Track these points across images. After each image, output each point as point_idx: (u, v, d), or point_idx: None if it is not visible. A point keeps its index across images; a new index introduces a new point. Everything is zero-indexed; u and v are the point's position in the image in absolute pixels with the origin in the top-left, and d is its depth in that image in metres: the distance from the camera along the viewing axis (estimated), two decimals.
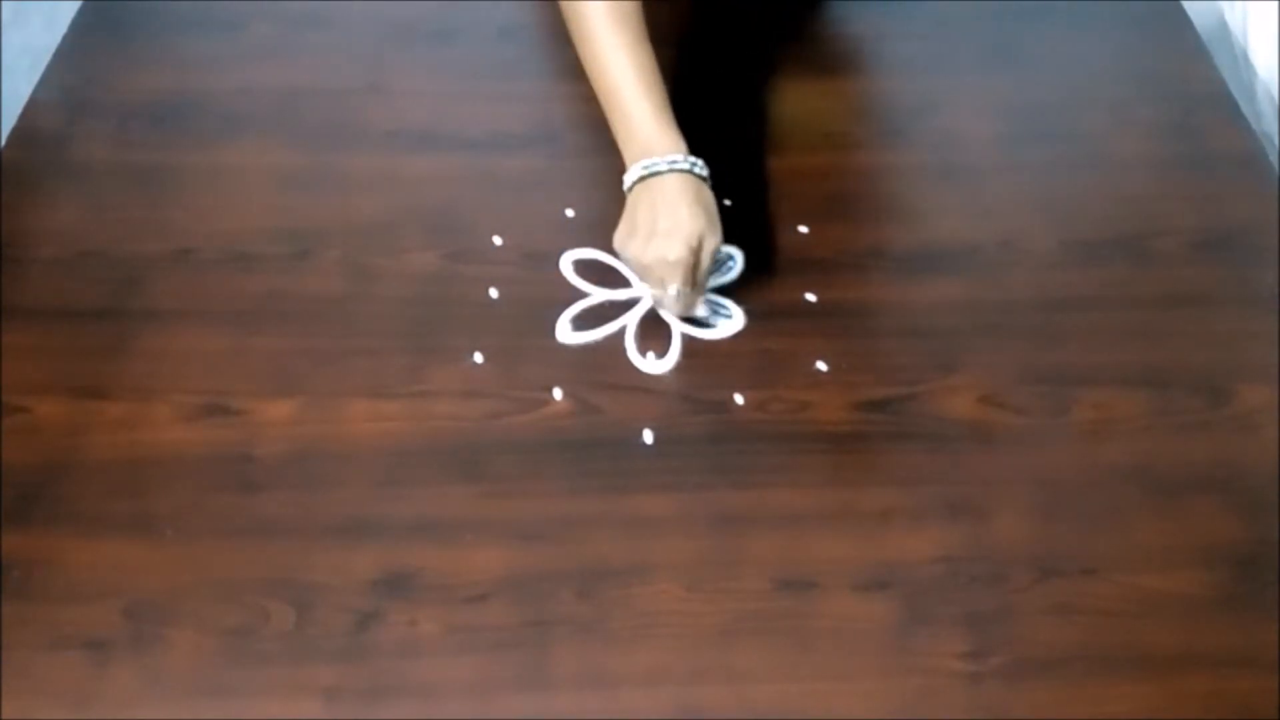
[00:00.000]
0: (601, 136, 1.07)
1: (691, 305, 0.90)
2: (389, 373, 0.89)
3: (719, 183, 1.00)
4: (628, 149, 0.91)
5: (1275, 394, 0.88)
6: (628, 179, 0.90)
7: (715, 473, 0.84)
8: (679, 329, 0.92)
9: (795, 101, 1.12)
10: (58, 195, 1.02)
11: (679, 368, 0.90)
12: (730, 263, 0.96)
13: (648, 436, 0.86)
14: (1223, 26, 1.24)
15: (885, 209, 1.02)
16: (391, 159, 1.03)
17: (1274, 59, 1.15)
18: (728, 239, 0.98)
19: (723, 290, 0.95)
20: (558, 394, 0.88)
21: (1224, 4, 1.24)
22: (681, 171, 0.88)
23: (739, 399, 0.88)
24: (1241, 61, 1.21)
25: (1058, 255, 0.98)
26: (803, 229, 0.99)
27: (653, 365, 0.90)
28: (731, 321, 0.93)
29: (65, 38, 1.15)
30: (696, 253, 0.87)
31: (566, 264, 0.97)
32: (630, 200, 0.90)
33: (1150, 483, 0.84)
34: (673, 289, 0.88)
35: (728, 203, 1.01)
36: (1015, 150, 1.07)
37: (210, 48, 1.16)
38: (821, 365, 0.90)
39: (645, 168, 0.89)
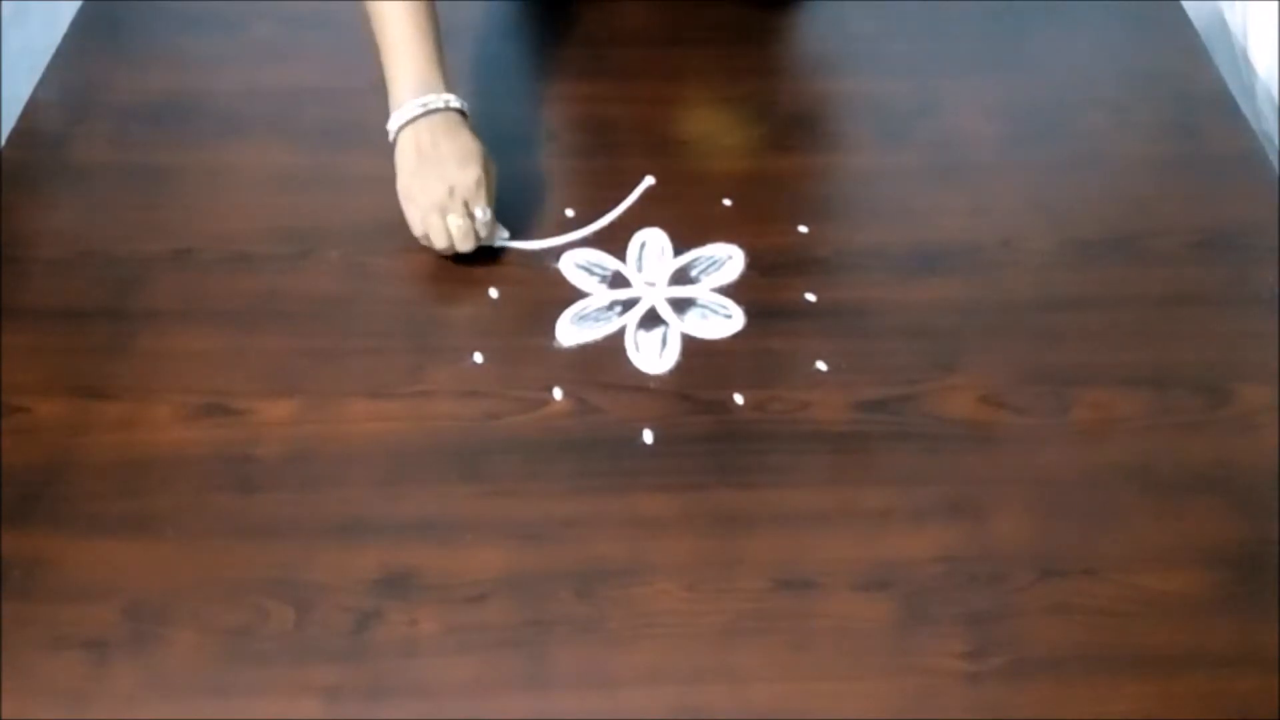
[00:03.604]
0: (602, 137, 1.07)
1: (494, 231, 0.94)
2: (389, 373, 0.89)
3: (720, 182, 1.00)
4: (400, 89, 0.94)
5: (1275, 394, 0.88)
6: (402, 116, 0.93)
7: (715, 473, 0.84)
8: (679, 329, 0.92)
9: (793, 102, 1.12)
10: (58, 195, 1.02)
11: (679, 368, 0.90)
12: (728, 260, 0.97)
13: (648, 436, 0.86)
14: (1223, 26, 1.24)
15: (885, 209, 1.02)
16: (391, 159, 1.03)
17: (1274, 59, 1.15)
18: (728, 238, 0.98)
19: (723, 290, 0.95)
20: (558, 394, 0.88)
21: (1224, 4, 1.24)
22: (455, 110, 0.94)
23: (739, 399, 0.88)
24: (1241, 61, 1.21)
25: (1058, 255, 0.98)
26: (803, 229, 0.99)
27: (653, 365, 0.90)
28: (731, 321, 0.93)
29: (65, 38, 1.15)
30: (490, 175, 0.93)
31: (567, 264, 0.97)
32: (406, 139, 0.93)
33: (1150, 483, 0.84)
34: (480, 211, 0.92)
35: (728, 202, 1.01)
36: (1015, 150, 1.07)
37: (210, 48, 1.16)
38: (821, 365, 0.90)
39: (423, 105, 0.92)
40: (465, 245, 0.93)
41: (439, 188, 0.91)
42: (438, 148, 0.92)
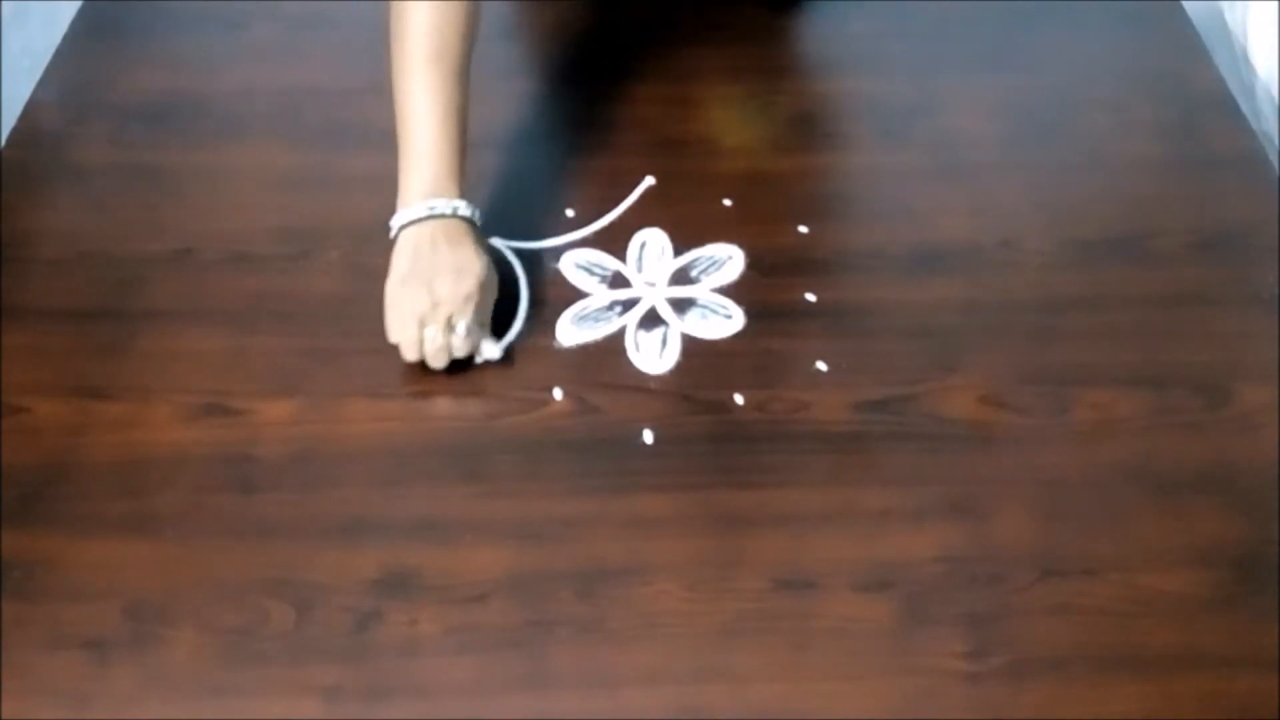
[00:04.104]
0: (602, 137, 1.07)
1: (478, 344, 0.88)
2: (389, 373, 0.89)
3: (720, 182, 1.00)
4: (410, 189, 0.89)
5: (1275, 394, 0.88)
6: (404, 217, 0.88)
7: (715, 473, 0.84)
8: (679, 329, 0.92)
9: (794, 102, 1.12)
10: (58, 195, 1.02)
11: (679, 368, 0.90)
12: (729, 260, 0.97)
13: (648, 436, 0.86)
14: (1223, 26, 1.24)
15: (885, 209, 1.02)
16: (391, 159, 1.03)
17: (1274, 59, 1.15)
18: (728, 238, 0.98)
19: (723, 290, 0.95)
20: (558, 394, 0.88)
21: (1224, 4, 1.24)
22: (464, 219, 0.89)
23: (739, 399, 0.88)
24: (1241, 61, 1.21)
25: (1058, 255, 0.98)
26: (803, 229, 0.99)
27: (653, 365, 0.90)
28: (731, 321, 0.93)
29: (65, 38, 1.15)
30: (485, 290, 0.88)
31: (567, 264, 0.97)
32: (406, 240, 0.88)
33: (1150, 483, 0.84)
34: (462, 325, 0.86)
35: (728, 202, 1.01)
36: (1015, 150, 1.07)
37: (210, 48, 1.16)
38: (821, 365, 0.90)
39: (429, 209, 0.88)
40: (437, 362, 0.87)
41: (424, 298, 0.86)
42: (436, 255, 0.87)
